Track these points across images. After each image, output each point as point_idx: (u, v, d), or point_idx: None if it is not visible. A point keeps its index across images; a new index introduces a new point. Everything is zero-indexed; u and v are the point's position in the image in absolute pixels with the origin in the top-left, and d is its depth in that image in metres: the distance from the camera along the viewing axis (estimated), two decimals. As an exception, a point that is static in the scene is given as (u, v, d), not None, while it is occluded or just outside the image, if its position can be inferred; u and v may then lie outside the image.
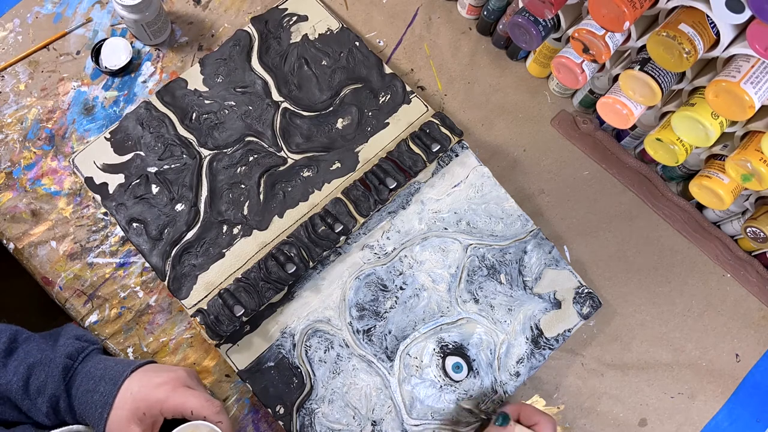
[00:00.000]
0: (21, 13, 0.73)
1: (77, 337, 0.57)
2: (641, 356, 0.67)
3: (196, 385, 0.56)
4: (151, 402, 0.52)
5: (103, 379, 0.54)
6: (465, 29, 0.77)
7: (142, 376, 0.54)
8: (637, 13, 0.50)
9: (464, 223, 0.67)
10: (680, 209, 0.72)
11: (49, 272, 0.65)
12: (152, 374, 0.55)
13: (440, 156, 0.68)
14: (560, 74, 0.62)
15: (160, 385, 0.53)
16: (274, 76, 0.71)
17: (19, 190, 0.67)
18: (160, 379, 0.54)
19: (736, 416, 0.66)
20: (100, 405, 0.53)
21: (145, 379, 0.54)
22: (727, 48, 0.50)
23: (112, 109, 0.70)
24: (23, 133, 0.69)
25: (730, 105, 0.50)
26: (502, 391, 0.62)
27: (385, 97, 0.71)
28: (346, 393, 0.61)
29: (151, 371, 0.55)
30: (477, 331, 0.64)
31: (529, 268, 0.66)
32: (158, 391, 0.53)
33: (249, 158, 0.68)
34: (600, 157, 0.73)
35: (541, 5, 0.57)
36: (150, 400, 0.53)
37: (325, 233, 0.64)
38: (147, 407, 0.53)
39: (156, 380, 0.54)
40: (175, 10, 0.74)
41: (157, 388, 0.53)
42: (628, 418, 0.65)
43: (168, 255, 0.64)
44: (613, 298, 0.68)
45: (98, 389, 0.53)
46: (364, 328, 0.63)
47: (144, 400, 0.53)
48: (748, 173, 0.55)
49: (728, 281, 0.70)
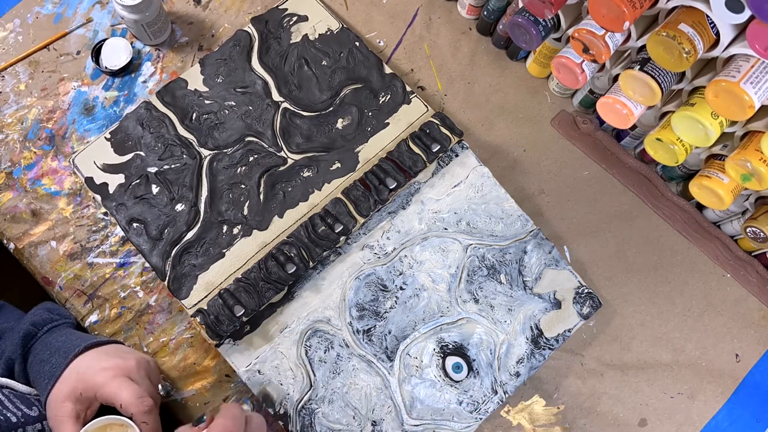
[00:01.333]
0: (21, 14, 0.73)
1: (48, 309, 0.58)
2: (641, 356, 0.67)
3: (140, 378, 0.55)
4: (89, 385, 0.53)
5: (58, 352, 0.54)
6: (465, 29, 0.77)
7: (94, 357, 0.54)
8: (637, 13, 0.50)
9: (464, 223, 0.67)
10: (680, 209, 0.72)
11: (49, 272, 0.65)
12: (103, 357, 0.55)
13: (440, 156, 0.68)
14: (560, 74, 0.62)
15: (103, 369, 0.53)
16: (274, 76, 0.71)
17: (19, 190, 0.67)
18: (107, 363, 0.54)
19: (736, 416, 0.66)
20: (47, 376, 0.53)
21: (94, 361, 0.54)
22: (726, 48, 0.50)
23: (113, 109, 0.70)
24: (23, 133, 0.69)
25: (729, 105, 0.50)
26: (502, 392, 0.62)
27: (385, 97, 0.71)
28: (346, 393, 0.61)
29: (104, 353, 0.55)
30: (477, 331, 0.64)
31: (529, 268, 0.66)
32: (99, 376, 0.53)
33: (249, 158, 0.68)
34: (600, 157, 0.73)
35: (541, 5, 0.57)
36: (89, 383, 0.53)
37: (325, 233, 0.64)
38: (85, 389, 0.53)
39: (103, 364, 0.54)
40: (175, 10, 0.74)
41: (99, 373, 0.53)
42: (628, 418, 0.65)
43: (168, 255, 0.64)
44: (613, 298, 0.68)
45: (51, 360, 0.54)
46: (364, 328, 0.63)
47: (84, 381, 0.53)
48: (748, 173, 0.55)
49: (728, 281, 0.70)
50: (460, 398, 0.62)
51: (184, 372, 0.63)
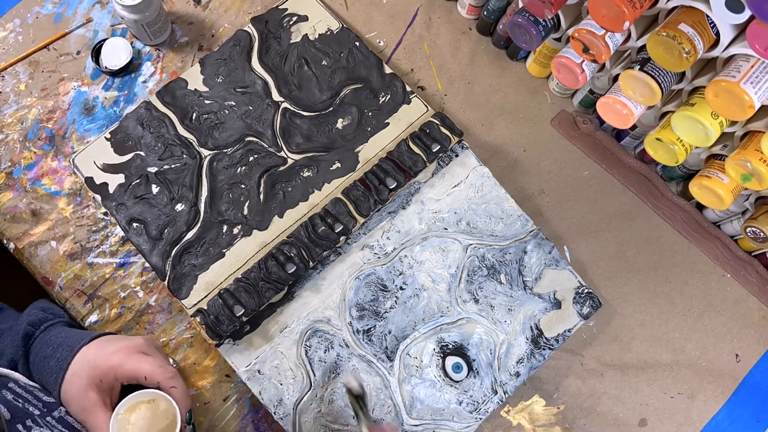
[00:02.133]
0: (21, 13, 0.73)
1: (43, 309, 0.59)
2: (641, 356, 0.67)
3: (153, 351, 0.57)
4: (106, 369, 0.53)
5: (61, 347, 0.55)
6: (465, 29, 0.77)
7: (99, 345, 0.55)
8: (637, 13, 0.50)
9: (464, 223, 0.67)
10: (680, 209, 0.72)
11: (49, 272, 0.65)
12: (108, 342, 0.56)
13: (440, 156, 0.68)
14: (560, 74, 0.62)
15: (115, 352, 0.54)
16: (274, 76, 0.71)
17: (19, 190, 0.67)
18: (116, 346, 0.55)
19: (736, 416, 0.66)
20: (55, 370, 0.54)
21: (102, 347, 0.55)
22: (726, 48, 0.50)
23: (113, 109, 0.70)
24: (23, 133, 0.69)
25: (729, 105, 0.50)
26: (502, 392, 0.62)
27: (385, 97, 0.71)
28: (346, 393, 0.61)
29: (107, 340, 0.56)
30: (477, 331, 0.64)
31: (529, 268, 0.66)
32: (113, 358, 0.54)
33: (249, 158, 0.68)
34: (600, 157, 0.73)
35: (541, 5, 0.57)
36: (105, 367, 0.53)
37: (325, 233, 0.64)
38: (102, 374, 0.53)
39: (111, 347, 0.55)
40: (175, 10, 0.74)
41: (113, 355, 0.54)
42: (628, 418, 0.65)
43: (168, 255, 0.64)
44: (613, 298, 0.68)
45: (55, 355, 0.54)
46: (364, 328, 0.63)
47: (99, 368, 0.53)
48: (747, 173, 0.55)
49: (728, 281, 0.70)
50: (460, 398, 0.62)
51: (184, 372, 0.63)
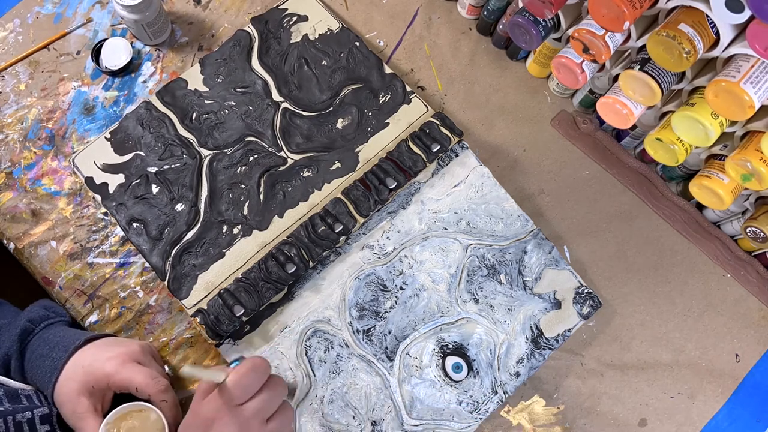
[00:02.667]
0: (21, 13, 0.73)
1: (45, 307, 0.59)
2: (641, 356, 0.67)
3: (148, 360, 0.57)
4: (100, 375, 0.53)
5: (58, 346, 0.55)
6: (465, 29, 0.77)
7: (95, 350, 0.55)
8: (637, 13, 0.50)
9: (464, 223, 0.67)
10: (680, 209, 0.72)
11: (49, 272, 0.65)
12: (105, 348, 0.55)
13: (440, 156, 0.68)
14: (560, 74, 0.62)
15: (110, 359, 0.54)
16: (274, 76, 0.71)
17: (19, 190, 0.67)
18: (112, 353, 0.55)
19: (736, 416, 0.66)
20: (50, 370, 0.54)
21: (98, 353, 0.55)
22: (726, 48, 0.50)
23: (113, 109, 0.70)
24: (23, 133, 0.69)
25: (729, 105, 0.50)
26: (502, 392, 0.62)
27: (385, 97, 0.71)
28: (346, 393, 0.61)
29: (104, 345, 0.56)
30: (477, 331, 0.64)
31: (529, 268, 0.66)
32: (107, 365, 0.54)
33: (249, 158, 0.68)
34: (600, 157, 0.73)
35: (541, 5, 0.57)
36: (99, 374, 0.53)
37: (325, 233, 0.64)
38: (96, 380, 0.53)
39: (107, 354, 0.55)
40: (175, 10, 0.74)
41: (107, 362, 0.54)
42: (628, 418, 0.65)
43: (168, 255, 0.64)
44: (613, 298, 0.68)
45: (51, 355, 0.54)
46: (364, 328, 0.63)
47: (93, 374, 0.53)
48: (748, 173, 0.55)
49: (728, 281, 0.70)
50: (460, 398, 0.62)
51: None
